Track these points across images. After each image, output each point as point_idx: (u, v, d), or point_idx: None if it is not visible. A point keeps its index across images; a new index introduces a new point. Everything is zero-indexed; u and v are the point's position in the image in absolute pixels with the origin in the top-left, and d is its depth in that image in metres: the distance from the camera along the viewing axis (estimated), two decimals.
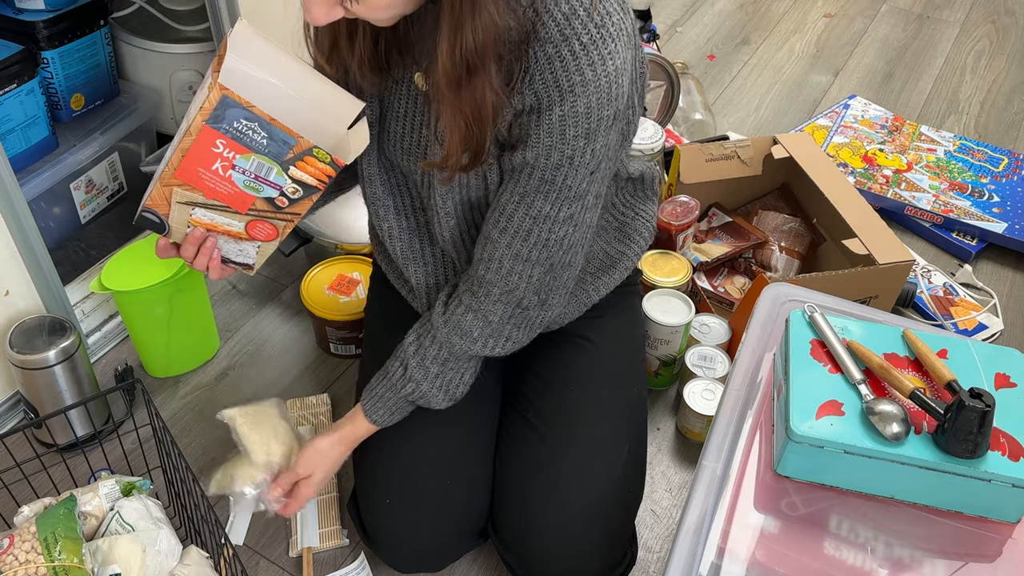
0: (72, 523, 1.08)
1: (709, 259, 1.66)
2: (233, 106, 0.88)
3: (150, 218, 1.00)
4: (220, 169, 0.93)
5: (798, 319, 0.96)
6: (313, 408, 1.44)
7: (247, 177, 0.95)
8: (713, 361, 1.46)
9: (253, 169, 0.94)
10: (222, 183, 0.95)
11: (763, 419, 0.95)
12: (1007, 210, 1.87)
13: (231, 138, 0.91)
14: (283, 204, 0.98)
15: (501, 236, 0.99)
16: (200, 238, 1.02)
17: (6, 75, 1.50)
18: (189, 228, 1.01)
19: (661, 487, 1.37)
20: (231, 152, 0.92)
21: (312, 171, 0.95)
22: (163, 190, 0.96)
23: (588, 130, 0.90)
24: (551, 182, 0.94)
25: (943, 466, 0.82)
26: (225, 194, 0.96)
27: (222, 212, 0.99)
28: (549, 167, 0.93)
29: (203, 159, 0.93)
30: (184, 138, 0.91)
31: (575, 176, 0.94)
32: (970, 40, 2.56)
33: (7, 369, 1.38)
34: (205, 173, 0.94)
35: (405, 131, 1.03)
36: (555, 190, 0.95)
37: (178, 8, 1.85)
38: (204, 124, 0.89)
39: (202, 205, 0.98)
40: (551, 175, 0.94)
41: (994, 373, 0.89)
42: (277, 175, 0.95)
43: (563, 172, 0.93)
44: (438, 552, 1.18)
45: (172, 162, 0.93)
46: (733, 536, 0.85)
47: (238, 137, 0.91)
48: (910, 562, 0.84)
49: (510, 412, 1.21)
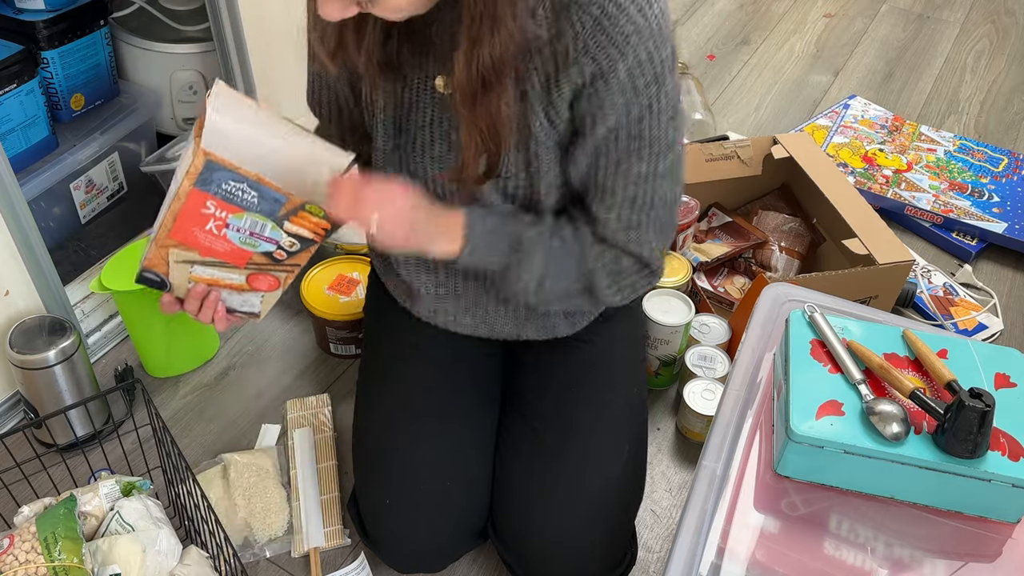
0: (72, 523, 1.08)
1: (709, 259, 1.66)
2: (219, 169, 0.87)
3: (150, 277, 0.99)
4: (214, 228, 0.93)
5: (798, 319, 0.96)
6: (313, 408, 1.45)
7: (242, 234, 0.94)
8: (713, 361, 1.46)
9: (247, 227, 0.93)
10: (217, 241, 0.94)
11: (763, 419, 0.95)
12: (1007, 210, 1.86)
13: (221, 199, 0.90)
14: (282, 257, 0.98)
15: (609, 213, 0.99)
16: (203, 293, 1.01)
17: (6, 75, 1.50)
18: (190, 284, 1.00)
19: (661, 487, 1.37)
20: (223, 212, 0.91)
21: (308, 225, 0.94)
22: (160, 251, 0.95)
23: (656, 75, 0.90)
24: (639, 137, 0.94)
25: (943, 466, 0.82)
26: (221, 251, 0.95)
27: (221, 268, 0.98)
28: (632, 123, 0.92)
29: (195, 220, 0.91)
30: (174, 201, 0.90)
31: (658, 125, 0.94)
32: (970, 40, 2.56)
33: (7, 369, 1.38)
34: (199, 232, 0.93)
35: (433, 139, 1.01)
36: (645, 145, 0.94)
37: (178, 8, 1.85)
38: (192, 187, 0.88)
39: (200, 262, 0.97)
40: (636, 130, 0.93)
41: (994, 373, 0.89)
42: (272, 230, 0.94)
43: (646, 124, 0.93)
44: (438, 552, 1.18)
45: (165, 223, 0.92)
46: (733, 536, 0.85)
47: (228, 198, 0.90)
48: (910, 562, 0.84)
49: (510, 412, 1.21)
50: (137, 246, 1.46)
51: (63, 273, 1.44)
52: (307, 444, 1.38)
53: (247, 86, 1.65)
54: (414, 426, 1.16)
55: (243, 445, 1.41)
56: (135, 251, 1.44)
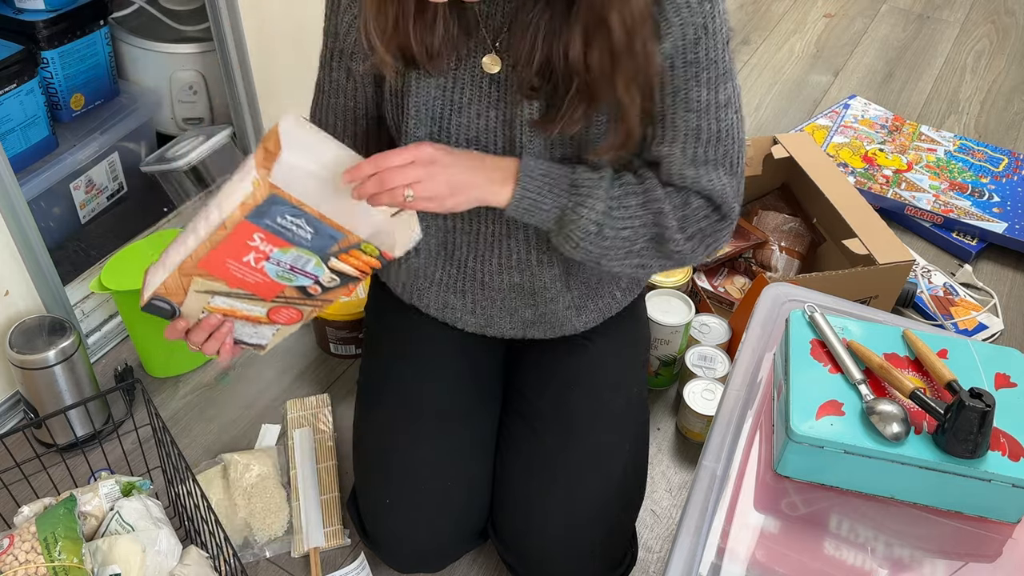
0: (72, 523, 1.08)
1: (709, 259, 1.66)
2: (280, 203, 0.82)
3: (160, 306, 0.93)
4: (252, 261, 0.88)
5: (798, 319, 0.96)
6: (313, 408, 1.44)
7: (281, 268, 0.89)
8: (713, 361, 1.46)
9: (290, 260, 0.88)
10: (252, 273, 0.89)
11: (763, 419, 0.95)
12: (1007, 210, 1.86)
13: (271, 232, 0.85)
14: (316, 292, 0.93)
15: (672, 147, 0.96)
16: (215, 325, 0.96)
17: (6, 75, 1.50)
18: (204, 313, 0.94)
19: (661, 487, 1.37)
20: (268, 245, 0.86)
21: (355, 263, 0.90)
22: (180, 279, 0.89)
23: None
24: (696, 63, 0.92)
25: (943, 466, 0.82)
26: (252, 283, 0.90)
27: (244, 299, 0.93)
28: (688, 46, 0.91)
29: (235, 252, 0.86)
30: (217, 231, 0.85)
31: (715, 47, 0.92)
32: (970, 40, 2.56)
33: (7, 369, 1.38)
34: (234, 264, 0.88)
35: (471, 120, 0.99)
36: (703, 69, 0.92)
37: (178, 8, 1.84)
38: (244, 219, 0.83)
39: (223, 293, 0.92)
40: (693, 55, 0.91)
41: (994, 373, 0.89)
42: (315, 266, 0.89)
43: (703, 45, 0.91)
44: (438, 552, 1.18)
45: (196, 253, 0.87)
46: (733, 536, 0.85)
47: (279, 231, 0.85)
48: (910, 562, 0.84)
49: (511, 412, 1.21)
50: (137, 246, 1.46)
51: (63, 273, 1.45)
52: (307, 444, 1.38)
53: (247, 86, 1.65)
54: (414, 426, 1.16)
55: (243, 445, 1.41)
56: (135, 251, 1.44)
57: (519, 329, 1.16)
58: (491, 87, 0.97)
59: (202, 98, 1.83)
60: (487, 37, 0.95)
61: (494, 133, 0.99)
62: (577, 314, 1.15)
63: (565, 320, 1.16)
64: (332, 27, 1.03)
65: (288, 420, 1.42)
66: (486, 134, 0.99)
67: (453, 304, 1.15)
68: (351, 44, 1.02)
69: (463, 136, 1.00)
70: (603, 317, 1.19)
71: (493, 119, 0.98)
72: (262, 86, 1.66)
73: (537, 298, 1.11)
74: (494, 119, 0.98)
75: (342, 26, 1.02)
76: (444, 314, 1.17)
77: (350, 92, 1.07)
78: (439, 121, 1.00)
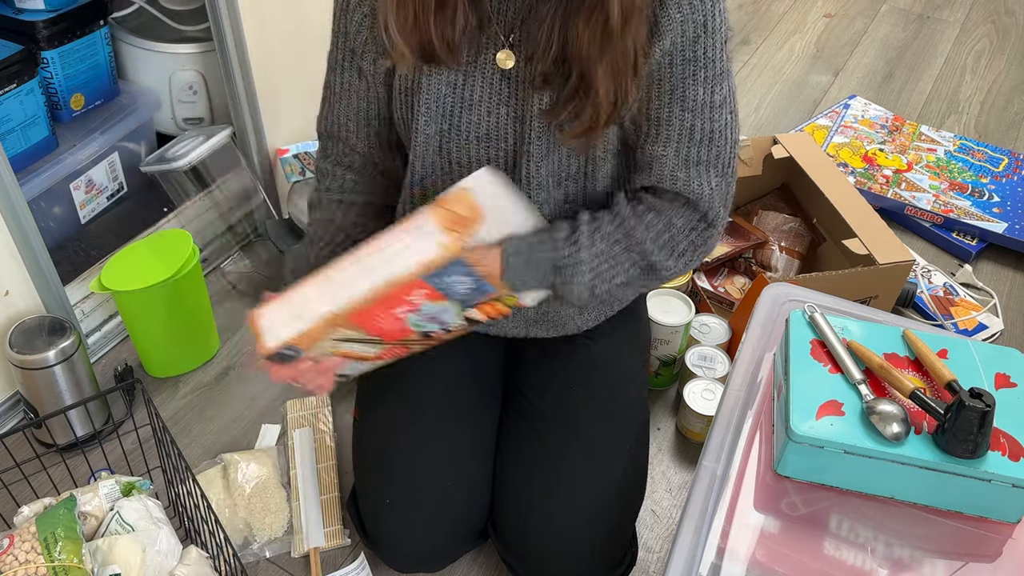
0: (72, 523, 1.08)
1: (709, 259, 1.66)
2: (461, 264, 0.81)
3: (287, 355, 0.88)
4: (401, 312, 0.85)
5: (798, 319, 0.96)
6: (313, 408, 1.44)
7: (421, 317, 0.86)
8: (713, 361, 1.46)
9: (436, 313, 0.86)
10: (393, 321, 0.86)
11: (763, 419, 0.95)
12: (1007, 210, 1.86)
13: (436, 289, 0.82)
14: (438, 336, 0.91)
15: (666, 148, 0.96)
16: (334, 365, 0.94)
17: (6, 75, 1.50)
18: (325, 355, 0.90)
19: (661, 487, 1.37)
20: (424, 300, 0.83)
21: (489, 311, 0.89)
22: (324, 328, 0.85)
23: None
24: (694, 60, 0.92)
25: (943, 466, 0.82)
26: (388, 330, 0.87)
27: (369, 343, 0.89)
28: (687, 44, 0.91)
29: (392, 305, 0.83)
30: (386, 287, 0.81)
31: (713, 45, 0.92)
32: (970, 40, 2.56)
33: (7, 369, 1.38)
34: (382, 316, 0.84)
35: (481, 117, 0.99)
36: (700, 67, 0.93)
37: (178, 8, 1.84)
38: (419, 278, 0.81)
39: (356, 340, 0.88)
40: (691, 52, 0.92)
41: (994, 373, 0.89)
42: (453, 315, 0.87)
43: (702, 44, 0.91)
44: (438, 552, 1.18)
45: (354, 306, 0.83)
46: (733, 536, 0.85)
47: (444, 288, 0.83)
48: (910, 562, 0.84)
49: (511, 412, 1.21)
50: (137, 246, 1.46)
51: (63, 273, 1.44)
52: (307, 444, 1.38)
53: (247, 86, 1.65)
54: (414, 426, 1.16)
55: (243, 445, 1.41)
56: (135, 251, 1.44)
57: (521, 327, 1.16)
58: (502, 83, 0.97)
59: (202, 98, 1.83)
60: (499, 32, 0.95)
61: (504, 130, 0.99)
62: (579, 312, 1.15)
63: (567, 318, 1.16)
64: (342, 27, 1.03)
65: (288, 420, 1.42)
66: (496, 131, 0.99)
67: None
68: (361, 43, 1.02)
69: (473, 133, 1.00)
70: (604, 316, 1.19)
71: (503, 116, 0.98)
72: (262, 86, 1.66)
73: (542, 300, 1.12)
74: (504, 116, 0.98)
75: (351, 26, 1.02)
76: None
77: (362, 93, 1.07)
78: (449, 119, 1.00)
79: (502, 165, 1.02)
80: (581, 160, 0.99)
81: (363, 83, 1.06)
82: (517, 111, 0.98)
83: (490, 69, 0.97)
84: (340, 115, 1.10)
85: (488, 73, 0.97)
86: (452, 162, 1.03)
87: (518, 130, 0.98)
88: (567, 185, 1.01)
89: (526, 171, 0.99)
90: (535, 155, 0.98)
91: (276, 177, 1.79)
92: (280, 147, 1.73)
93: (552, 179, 1.00)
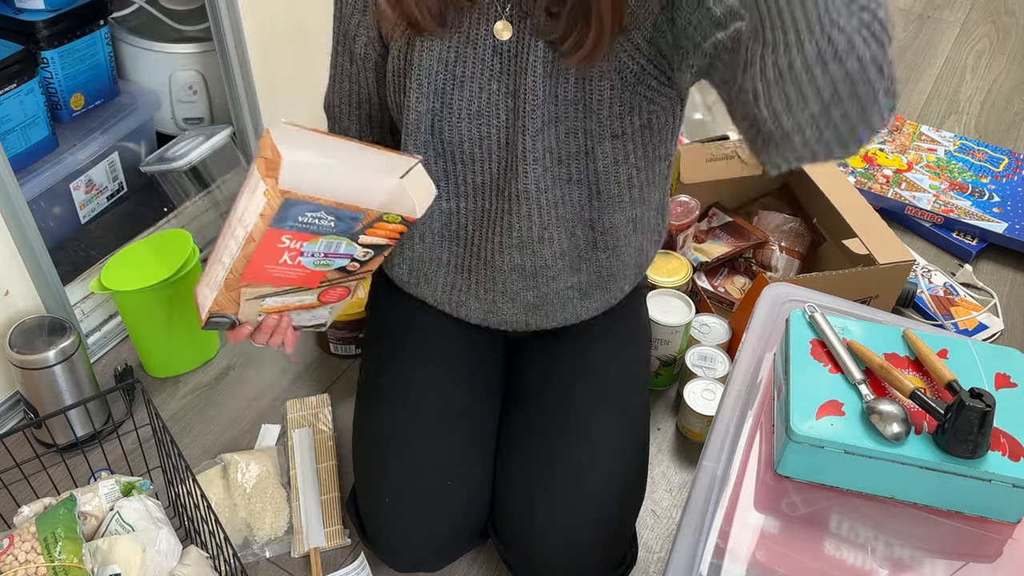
0: (72, 523, 1.08)
1: (709, 259, 1.66)
2: (296, 204, 0.86)
3: (220, 321, 0.98)
4: (288, 259, 0.92)
5: (798, 319, 0.96)
6: (313, 408, 1.44)
7: (316, 258, 0.93)
8: (713, 361, 1.46)
9: (322, 250, 0.92)
10: (291, 270, 0.93)
11: (763, 419, 0.95)
12: (1007, 210, 1.86)
13: (296, 231, 0.89)
14: (355, 268, 0.98)
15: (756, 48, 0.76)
16: (274, 324, 1.02)
17: (6, 75, 1.50)
18: (261, 315, 1.00)
19: (661, 487, 1.37)
20: (298, 242, 0.90)
21: (383, 233, 0.94)
22: (229, 294, 0.94)
23: None
24: None
25: (943, 466, 0.82)
26: (296, 278, 0.95)
27: (294, 293, 0.98)
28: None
29: (269, 257, 0.90)
30: (246, 244, 0.88)
31: None
32: (970, 40, 2.56)
33: (7, 369, 1.38)
34: (273, 267, 0.92)
35: (473, 93, 1.00)
36: None
37: (178, 8, 1.84)
38: (268, 228, 0.87)
39: (272, 294, 0.96)
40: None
41: (994, 373, 0.89)
42: (347, 246, 0.93)
43: None
44: (438, 552, 1.18)
45: (235, 268, 0.91)
46: (733, 536, 0.85)
47: (304, 228, 0.89)
48: (910, 562, 0.84)
49: (512, 411, 1.21)
50: (137, 246, 1.46)
51: (63, 273, 1.45)
52: (307, 444, 1.38)
53: (247, 86, 1.65)
54: (414, 425, 1.16)
55: (243, 445, 1.41)
56: (135, 251, 1.44)
57: (521, 314, 1.15)
58: (494, 59, 0.98)
59: (202, 98, 1.83)
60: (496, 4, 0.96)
61: (496, 107, 1.00)
62: (581, 299, 1.15)
63: (567, 301, 1.15)
64: (339, 11, 1.08)
65: (288, 420, 1.42)
66: (488, 107, 1.00)
67: (460, 286, 1.15)
68: (355, 27, 1.06)
69: (465, 110, 1.01)
70: (606, 306, 1.19)
71: (496, 91, 0.99)
72: (262, 86, 1.66)
73: (539, 278, 1.12)
74: (496, 91, 0.99)
75: (347, 8, 1.06)
76: (451, 297, 1.17)
77: (354, 76, 1.10)
78: (441, 96, 1.01)
79: (496, 142, 1.02)
80: (580, 137, 1.00)
81: (355, 67, 1.09)
82: (509, 86, 0.98)
83: (482, 45, 0.98)
84: (335, 97, 1.15)
85: (480, 49, 0.98)
86: (444, 141, 1.04)
87: (510, 105, 0.99)
88: (569, 164, 1.02)
89: (521, 147, 1.00)
90: (530, 129, 0.98)
91: None
92: None
93: (550, 155, 1.01)
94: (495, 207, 1.07)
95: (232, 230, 0.92)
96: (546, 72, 0.96)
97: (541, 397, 1.18)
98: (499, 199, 1.06)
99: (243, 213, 0.90)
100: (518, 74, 0.97)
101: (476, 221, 1.09)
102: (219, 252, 0.94)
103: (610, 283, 1.15)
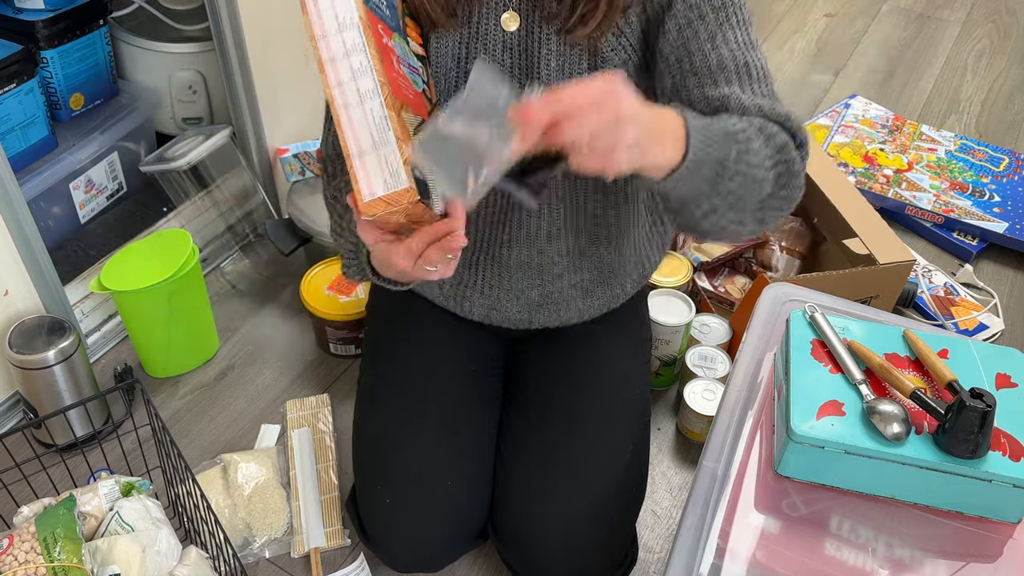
0: (72, 523, 1.08)
1: (710, 259, 1.66)
2: None
3: (418, 177, 0.79)
4: (395, 63, 0.82)
5: (799, 319, 0.96)
6: (313, 408, 1.44)
7: (404, 65, 0.85)
8: (714, 361, 1.46)
9: (402, 55, 0.86)
10: (403, 80, 0.83)
11: (763, 419, 0.95)
12: (1008, 210, 1.86)
13: (377, 16, 0.82)
14: (432, 95, 0.91)
15: (730, 87, 0.92)
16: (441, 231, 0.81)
17: (5, 75, 1.50)
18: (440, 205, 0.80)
19: (661, 487, 1.37)
20: (387, 38, 0.83)
21: (414, 35, 0.91)
22: (399, 119, 0.79)
23: None
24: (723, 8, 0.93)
25: (944, 466, 0.82)
26: (412, 98, 0.85)
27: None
28: None
29: (385, 55, 0.80)
30: (366, 38, 0.78)
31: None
32: (971, 40, 2.56)
33: (6, 369, 1.38)
34: (397, 76, 0.82)
35: None
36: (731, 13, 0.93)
37: (178, 8, 1.84)
38: (365, 7, 0.79)
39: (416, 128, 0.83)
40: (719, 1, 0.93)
41: (995, 373, 0.89)
42: (408, 54, 0.88)
43: None
44: (438, 552, 1.18)
45: (381, 74, 0.79)
46: (733, 536, 0.84)
47: (376, 12, 0.82)
48: (911, 562, 0.84)
49: (512, 411, 1.21)
50: (137, 246, 1.46)
51: (62, 273, 1.44)
52: (307, 444, 1.38)
53: (247, 86, 1.65)
54: (414, 425, 1.15)
55: (243, 445, 1.41)
56: (135, 251, 1.44)
57: (524, 312, 1.15)
58: (504, 53, 0.98)
59: (202, 98, 1.83)
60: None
61: None
62: (584, 297, 1.15)
63: (570, 300, 1.15)
64: None
65: (288, 420, 1.42)
66: None
67: (466, 280, 1.14)
68: None
69: None
70: (608, 307, 1.19)
71: None
72: (262, 86, 1.66)
73: (544, 276, 1.11)
74: None
75: None
76: (456, 293, 1.16)
77: None
78: (454, 92, 1.01)
79: None
80: None
81: None
82: (521, 81, 0.99)
83: (492, 40, 0.98)
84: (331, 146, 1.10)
85: (490, 44, 0.98)
86: None
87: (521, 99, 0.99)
88: None
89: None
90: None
91: (276, 177, 1.78)
92: (280, 147, 1.73)
93: None
94: (502, 202, 1.07)
95: (341, 75, 0.79)
96: (559, 66, 0.97)
97: (541, 397, 1.18)
98: (505, 194, 1.06)
99: (339, 29, 0.79)
100: (530, 69, 0.97)
101: (486, 217, 1.09)
102: (353, 118, 0.80)
103: (611, 280, 1.15)
